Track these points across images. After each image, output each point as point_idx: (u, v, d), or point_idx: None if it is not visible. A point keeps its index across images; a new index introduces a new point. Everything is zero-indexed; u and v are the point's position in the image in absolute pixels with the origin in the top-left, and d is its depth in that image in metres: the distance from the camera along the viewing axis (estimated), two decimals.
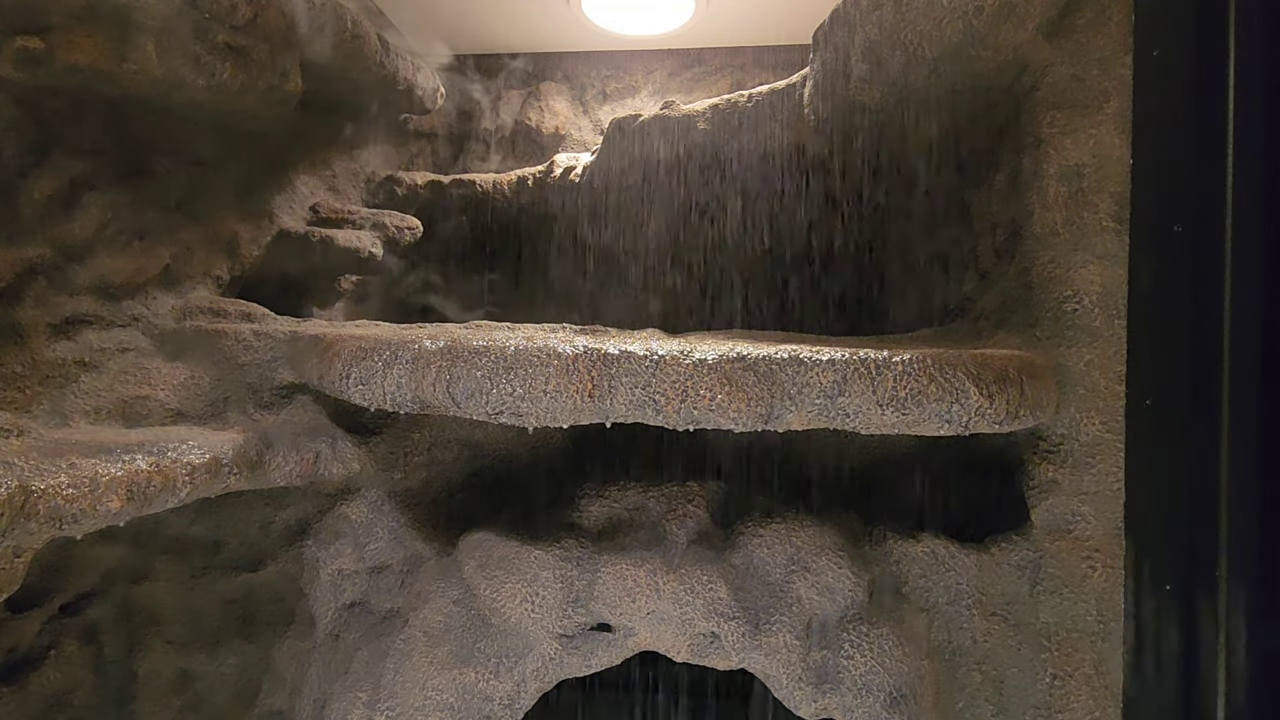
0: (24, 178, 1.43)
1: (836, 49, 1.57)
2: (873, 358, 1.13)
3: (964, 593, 1.34)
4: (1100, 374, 1.26)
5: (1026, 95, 1.36)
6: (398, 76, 2.08)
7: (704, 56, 2.61)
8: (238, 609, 1.60)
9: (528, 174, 2.41)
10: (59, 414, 1.41)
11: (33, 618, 1.43)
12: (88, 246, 1.53)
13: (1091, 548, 1.27)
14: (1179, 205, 1.22)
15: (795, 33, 2.43)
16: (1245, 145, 1.17)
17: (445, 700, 1.33)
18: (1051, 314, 1.29)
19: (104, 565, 1.53)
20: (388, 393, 1.23)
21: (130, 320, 1.60)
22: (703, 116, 1.95)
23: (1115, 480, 1.26)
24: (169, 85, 1.46)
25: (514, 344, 1.18)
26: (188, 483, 1.21)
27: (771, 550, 1.37)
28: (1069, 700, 1.27)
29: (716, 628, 1.31)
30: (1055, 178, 1.29)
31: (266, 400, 1.54)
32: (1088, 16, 1.27)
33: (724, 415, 1.12)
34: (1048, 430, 1.29)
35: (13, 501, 0.97)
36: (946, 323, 1.67)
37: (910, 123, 1.64)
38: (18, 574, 1.19)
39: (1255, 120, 1.17)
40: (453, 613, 1.40)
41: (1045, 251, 1.31)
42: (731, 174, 2.08)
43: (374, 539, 1.52)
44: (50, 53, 1.31)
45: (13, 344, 1.43)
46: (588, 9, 2.31)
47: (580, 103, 2.70)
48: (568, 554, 1.37)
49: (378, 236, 2.19)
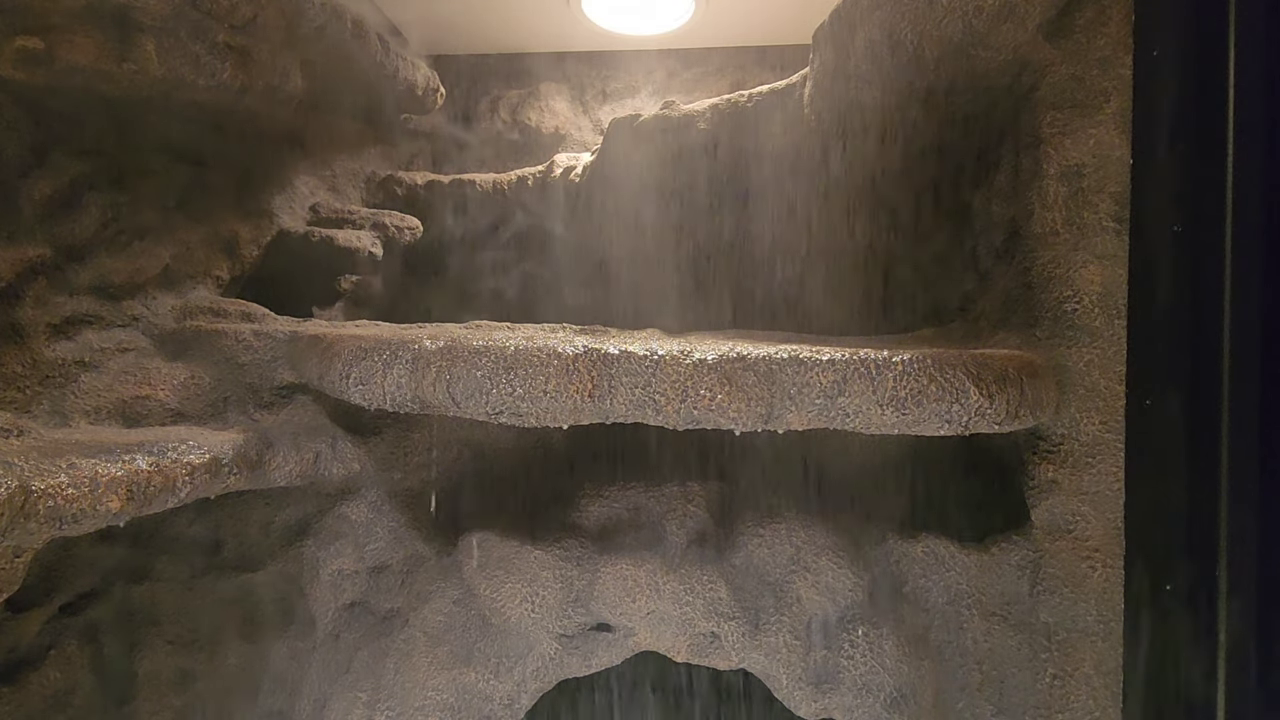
0: (24, 178, 1.43)
1: (837, 49, 1.57)
2: (873, 358, 1.13)
3: (964, 593, 1.34)
4: (1100, 374, 1.26)
5: (1026, 95, 1.36)
6: (397, 76, 2.08)
7: (704, 56, 2.61)
8: (238, 609, 1.60)
9: (528, 174, 2.41)
10: (59, 414, 1.41)
11: (33, 618, 1.43)
12: (88, 246, 1.53)
13: (1091, 548, 1.27)
14: (1179, 205, 1.22)
15: (795, 33, 2.42)
16: (1245, 145, 1.17)
17: (445, 700, 1.33)
18: (1051, 314, 1.29)
19: (104, 565, 1.53)
20: (388, 393, 1.23)
21: (130, 320, 1.60)
22: (703, 116, 1.95)
23: (1115, 480, 1.26)
24: (169, 85, 1.46)
25: (514, 344, 1.18)
26: (188, 483, 1.21)
27: (771, 550, 1.37)
28: (1069, 700, 1.27)
29: (716, 628, 1.31)
30: (1055, 178, 1.29)
31: (266, 400, 1.54)
32: (1088, 16, 1.27)
33: (724, 415, 1.12)
34: (1048, 430, 1.29)
35: (13, 501, 0.97)
36: (946, 323, 1.67)
37: (910, 122, 1.64)
38: (18, 574, 1.19)
39: (1255, 120, 1.17)
40: (453, 613, 1.40)
41: (1045, 251, 1.31)
42: (731, 174, 2.08)
43: (374, 539, 1.52)
44: (50, 53, 1.31)
45: (13, 344, 1.43)
46: (588, 9, 2.31)
47: (580, 103, 2.69)
48: (568, 554, 1.37)
49: (378, 236, 2.19)
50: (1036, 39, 1.28)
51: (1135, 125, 1.25)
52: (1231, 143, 1.18)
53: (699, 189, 2.18)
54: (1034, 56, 1.30)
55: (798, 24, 2.35)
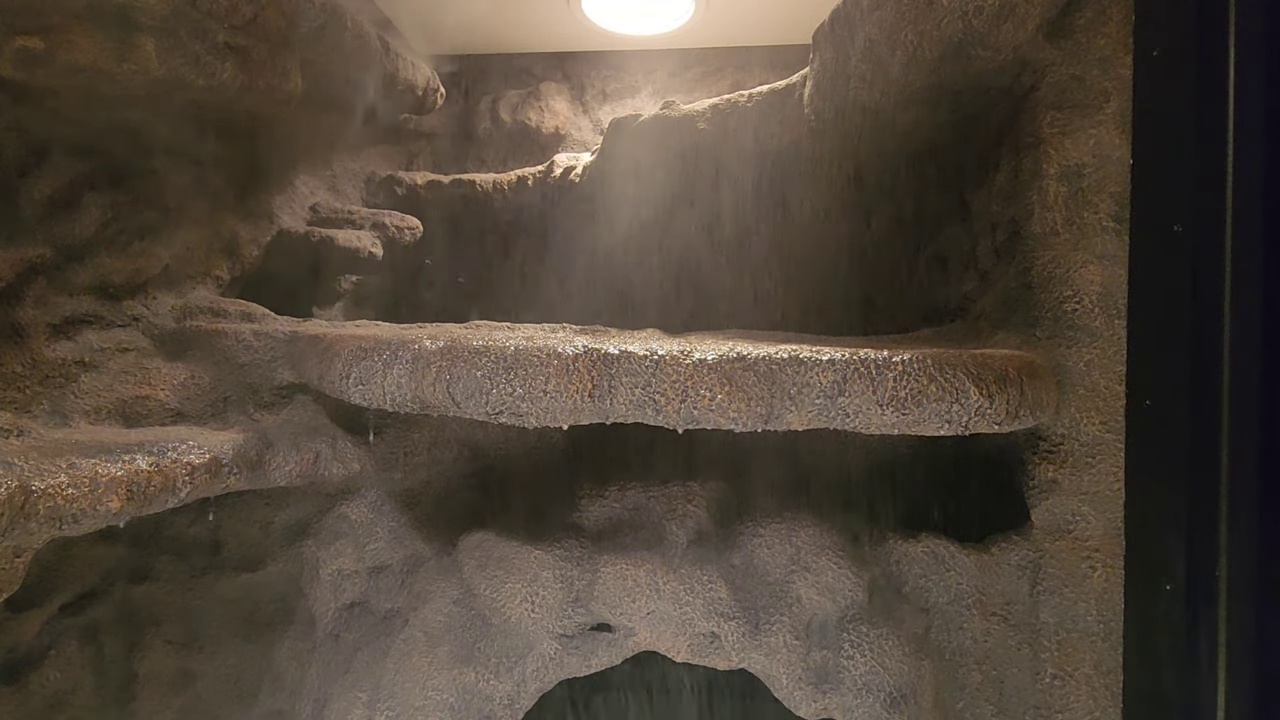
0: (24, 178, 1.43)
1: (837, 49, 1.57)
2: (873, 358, 1.13)
3: (964, 593, 1.34)
4: (1100, 374, 1.26)
5: (1026, 95, 1.36)
6: (397, 76, 2.08)
7: (704, 56, 2.61)
8: (238, 609, 1.60)
9: (528, 174, 2.41)
10: (59, 414, 1.41)
11: (33, 618, 1.43)
12: (88, 246, 1.53)
13: (1091, 548, 1.27)
14: (1179, 205, 1.22)
15: (795, 33, 2.42)
16: (1245, 145, 1.17)
17: (445, 700, 1.33)
18: (1051, 314, 1.29)
19: (104, 565, 1.53)
20: (388, 393, 1.23)
21: (130, 320, 1.60)
22: (703, 116, 1.95)
23: (1115, 480, 1.26)
24: (169, 85, 1.46)
25: (514, 344, 1.18)
26: (188, 483, 1.21)
27: (771, 550, 1.37)
28: (1069, 700, 1.27)
29: (716, 628, 1.31)
30: (1055, 178, 1.29)
31: (266, 400, 1.54)
32: (1088, 16, 1.27)
33: (724, 415, 1.12)
34: (1048, 430, 1.29)
35: (13, 501, 0.97)
36: (946, 323, 1.67)
37: (910, 122, 1.64)
38: (18, 574, 1.19)
39: (1255, 120, 1.17)
40: (453, 613, 1.40)
41: (1045, 251, 1.31)
42: (731, 174, 2.08)
43: (374, 539, 1.52)
44: (50, 53, 1.31)
45: (13, 344, 1.42)
46: (588, 9, 2.31)
47: (580, 103, 2.69)
48: (568, 554, 1.37)
49: (378, 236, 2.19)
50: (1036, 39, 1.28)
51: (1135, 125, 1.25)
52: (1231, 143, 1.18)
53: (699, 189, 2.18)
54: (1034, 56, 1.30)
55: (798, 24, 2.35)
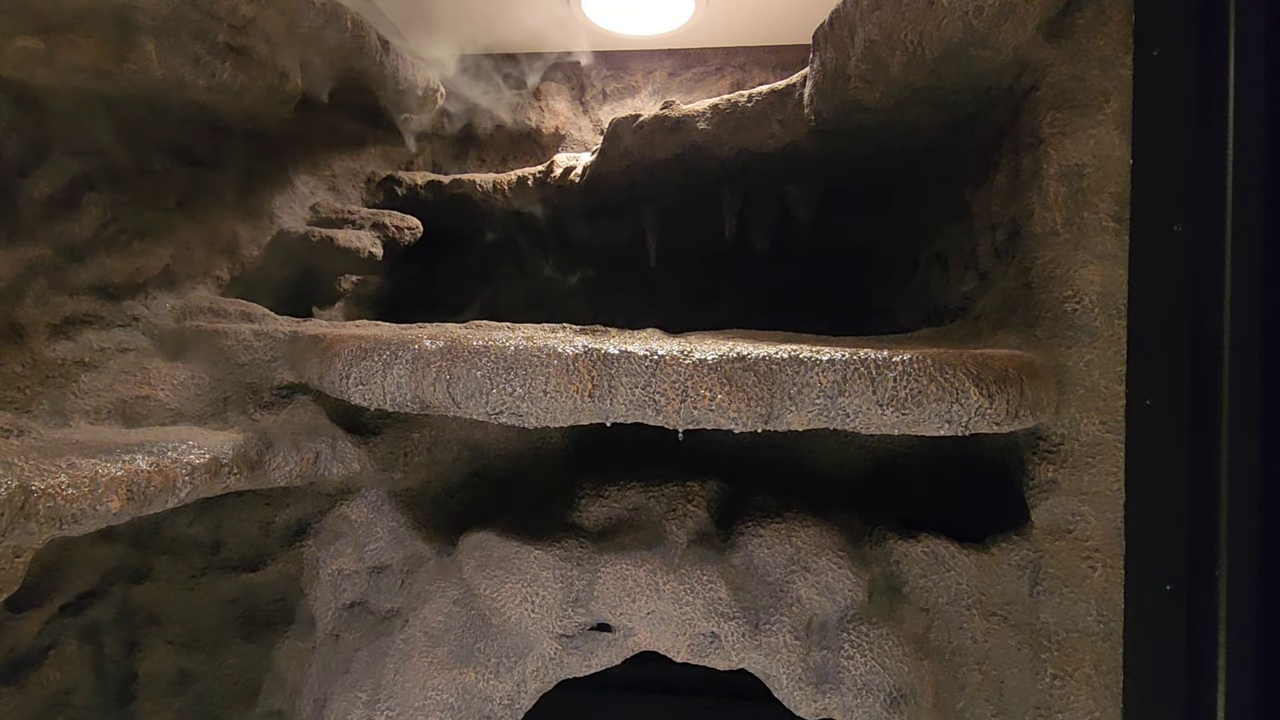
0: (24, 178, 1.43)
1: (836, 49, 1.57)
2: (873, 358, 1.13)
3: (964, 593, 1.34)
4: (1100, 374, 1.26)
5: (1026, 95, 1.36)
6: (397, 76, 2.08)
7: (704, 56, 2.61)
8: (238, 609, 1.60)
9: (528, 174, 2.41)
10: (59, 414, 1.41)
11: (33, 618, 1.43)
12: (88, 246, 1.53)
13: (1091, 548, 1.27)
14: (1179, 205, 1.22)
15: (795, 33, 2.42)
16: (1245, 145, 1.17)
17: (445, 700, 1.33)
18: (1051, 314, 1.29)
19: (104, 565, 1.53)
20: (388, 393, 1.23)
21: (130, 320, 1.60)
22: (703, 117, 1.95)
23: (1115, 480, 1.26)
24: (169, 85, 1.46)
25: (514, 344, 1.17)
26: (188, 483, 1.21)
27: (771, 550, 1.37)
28: (1069, 700, 1.27)
29: (716, 628, 1.31)
30: (1055, 178, 1.29)
31: (266, 400, 1.54)
32: (1088, 16, 1.27)
33: (724, 415, 1.12)
34: (1048, 430, 1.29)
35: (13, 501, 0.97)
36: (946, 323, 1.67)
37: (910, 123, 1.64)
38: (18, 574, 1.19)
39: (1255, 120, 1.17)
40: (453, 613, 1.40)
41: (1045, 251, 1.31)
42: (731, 174, 2.08)
43: (374, 539, 1.52)
44: (50, 53, 1.31)
45: (13, 344, 1.42)
46: (588, 9, 2.31)
47: (580, 103, 2.69)
48: (568, 554, 1.37)
49: (378, 236, 2.19)
50: (1036, 39, 1.28)
51: (1135, 125, 1.25)
52: (1231, 143, 1.18)
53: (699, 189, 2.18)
54: (1034, 56, 1.30)
55: (798, 24, 2.35)
